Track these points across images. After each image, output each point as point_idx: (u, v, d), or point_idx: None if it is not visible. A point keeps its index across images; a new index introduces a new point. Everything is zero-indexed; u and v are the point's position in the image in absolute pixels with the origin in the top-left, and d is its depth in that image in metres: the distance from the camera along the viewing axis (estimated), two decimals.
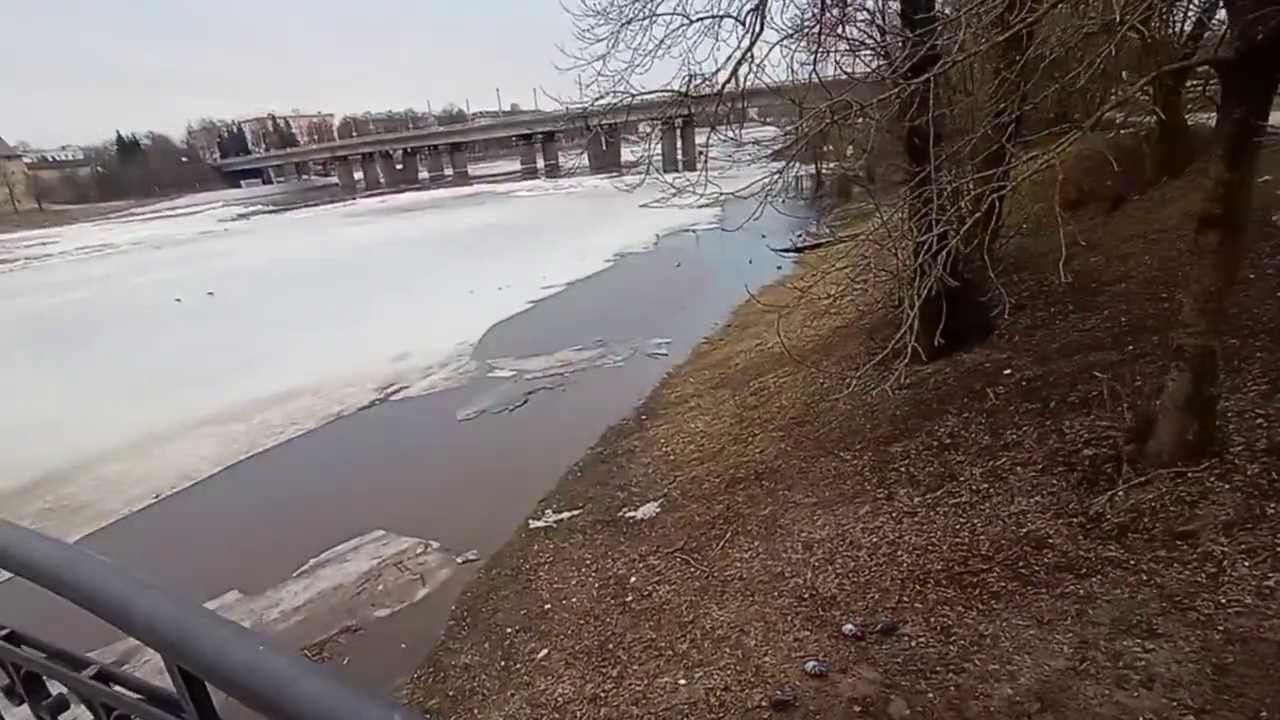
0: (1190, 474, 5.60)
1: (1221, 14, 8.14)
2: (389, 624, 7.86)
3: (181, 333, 22.42)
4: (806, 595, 6.19)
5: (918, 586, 5.80)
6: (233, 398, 15.36)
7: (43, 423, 14.95)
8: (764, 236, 20.90)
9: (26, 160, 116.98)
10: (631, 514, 8.72)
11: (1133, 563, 5.23)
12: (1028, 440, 7.02)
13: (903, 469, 7.55)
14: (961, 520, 6.38)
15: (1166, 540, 5.29)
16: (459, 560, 8.79)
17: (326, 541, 9.42)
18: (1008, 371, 8.55)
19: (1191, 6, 10.12)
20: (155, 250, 49.36)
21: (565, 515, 9.18)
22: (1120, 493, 5.79)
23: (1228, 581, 4.78)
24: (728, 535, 7.54)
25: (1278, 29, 4.08)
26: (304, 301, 25.11)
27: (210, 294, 28.29)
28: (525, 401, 13.79)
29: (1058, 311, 9.74)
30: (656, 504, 8.82)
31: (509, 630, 7.08)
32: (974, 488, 6.72)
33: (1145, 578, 5.07)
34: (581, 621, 6.86)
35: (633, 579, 7.30)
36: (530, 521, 9.21)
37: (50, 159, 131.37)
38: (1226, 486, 5.43)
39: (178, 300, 27.63)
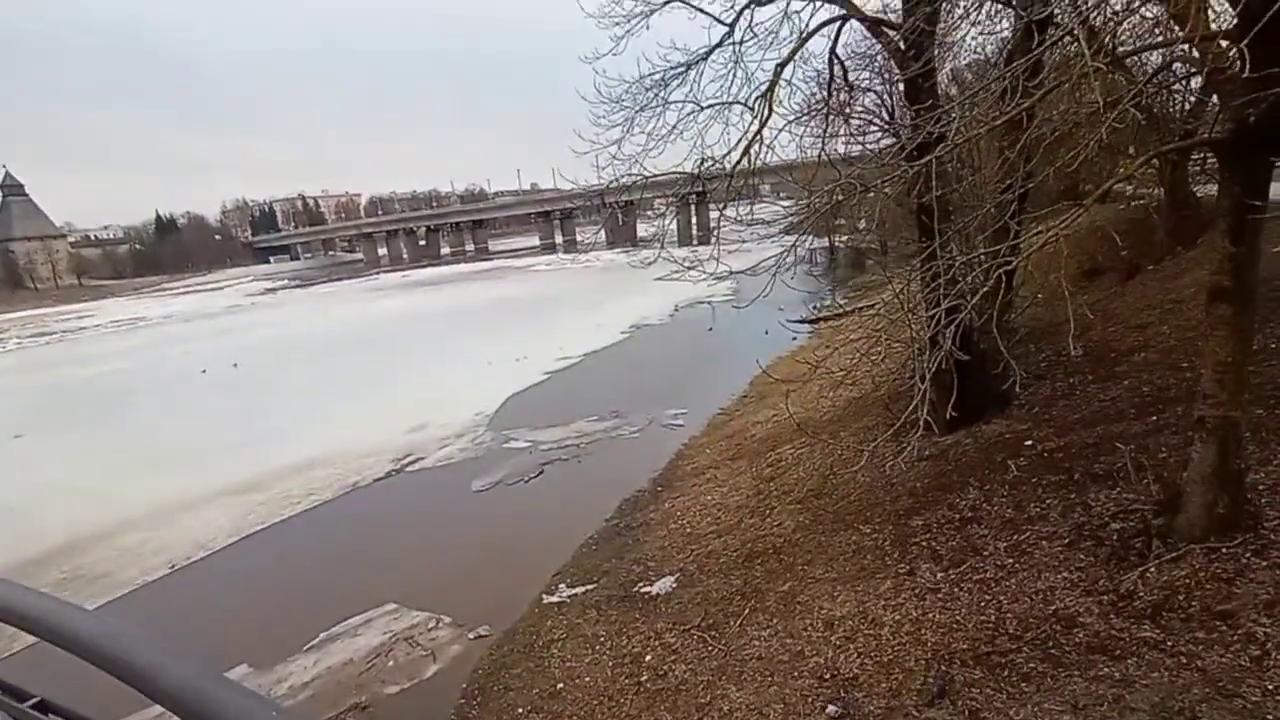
0: (1224, 549, 5.42)
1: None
2: (398, 702, 7.65)
3: (206, 403, 22.85)
4: (828, 676, 5.96)
5: (943, 667, 5.56)
6: (252, 468, 15.48)
7: (68, 492, 15.15)
8: (781, 309, 21.18)
9: (71, 239, 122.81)
10: (647, 589, 8.54)
11: (1170, 644, 5.00)
12: (1052, 513, 6.85)
13: (924, 543, 7.36)
14: (987, 597, 6.17)
15: (1205, 620, 5.06)
16: (471, 636, 8.60)
17: (338, 614, 9.28)
18: (1029, 443, 8.43)
19: (1189, 91, 10.42)
20: (185, 323, 50.90)
21: (579, 590, 9.00)
22: (1152, 569, 5.60)
23: (1273, 665, 4.53)
24: (745, 612, 7.33)
25: (1269, 112, 4.23)
26: (325, 373, 25.56)
27: (235, 365, 28.94)
28: (541, 473, 13.74)
29: (1077, 382, 9.67)
30: (673, 578, 8.63)
31: (520, 710, 6.85)
32: (998, 563, 6.53)
33: (1185, 660, 4.83)
34: (595, 702, 6.63)
35: (648, 657, 7.08)
36: (544, 596, 9.03)
37: (93, 238, 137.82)
38: (1264, 563, 5.23)
39: (203, 372, 28.28)
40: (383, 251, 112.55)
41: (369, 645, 8.65)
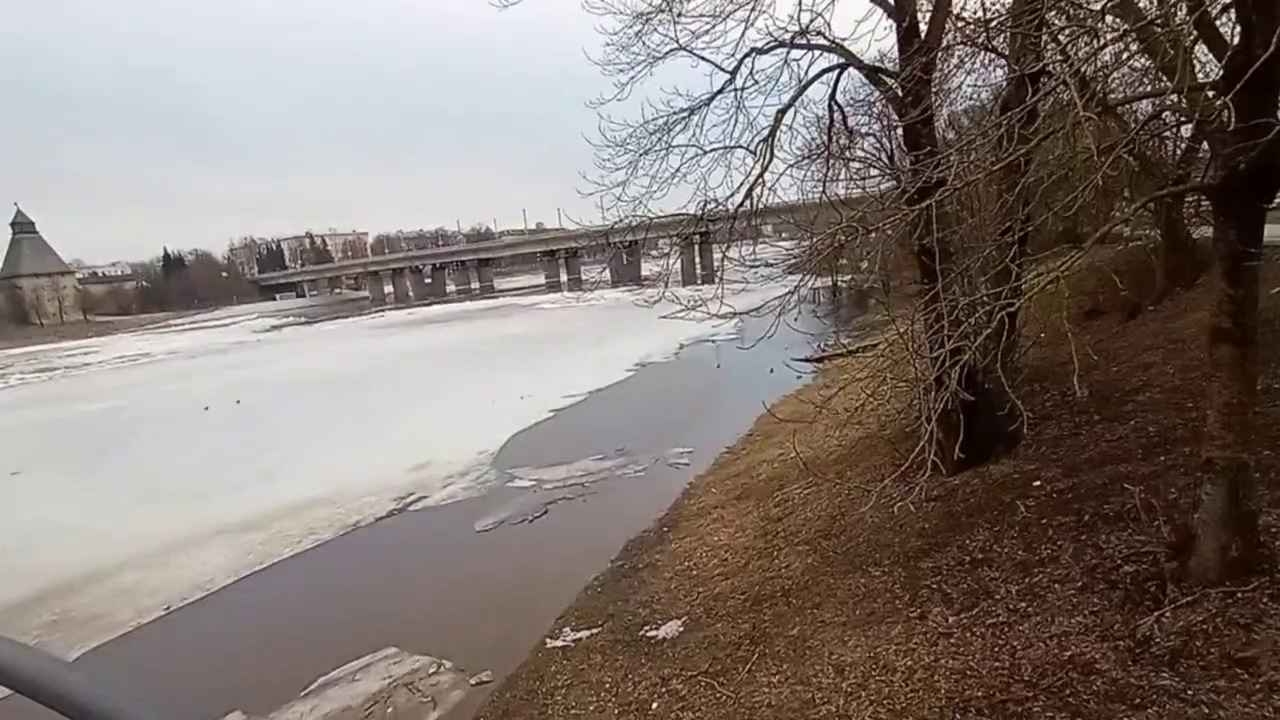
0: (1240, 594, 5.33)
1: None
2: None
3: (208, 441, 22.79)
4: None
5: (958, 716, 5.43)
6: (253, 506, 15.37)
7: (65, 530, 15.01)
8: (786, 349, 21.27)
9: (79, 276, 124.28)
10: (653, 633, 8.39)
11: (1190, 693, 4.87)
12: (1064, 555, 6.76)
13: (935, 586, 7.25)
14: (1000, 642, 6.05)
15: (1224, 668, 4.95)
16: (472, 682, 8.43)
17: (336, 659, 9.12)
18: (1037, 483, 8.37)
19: (1180, 138, 10.64)
20: (190, 360, 51.11)
21: (584, 634, 8.84)
22: (1168, 613, 5.50)
23: None
24: (754, 657, 7.18)
25: (1258, 160, 4.32)
26: (329, 410, 25.56)
27: (238, 402, 28.95)
28: (545, 512, 13.63)
29: (1084, 422, 9.64)
30: (679, 622, 8.48)
31: None
32: (1011, 606, 6.42)
33: (1207, 711, 4.70)
34: None
35: (654, 705, 6.92)
36: (547, 640, 8.87)
37: (101, 274, 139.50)
38: None
39: (206, 409, 28.28)
40: (388, 289, 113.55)
41: (368, 691, 8.47)
